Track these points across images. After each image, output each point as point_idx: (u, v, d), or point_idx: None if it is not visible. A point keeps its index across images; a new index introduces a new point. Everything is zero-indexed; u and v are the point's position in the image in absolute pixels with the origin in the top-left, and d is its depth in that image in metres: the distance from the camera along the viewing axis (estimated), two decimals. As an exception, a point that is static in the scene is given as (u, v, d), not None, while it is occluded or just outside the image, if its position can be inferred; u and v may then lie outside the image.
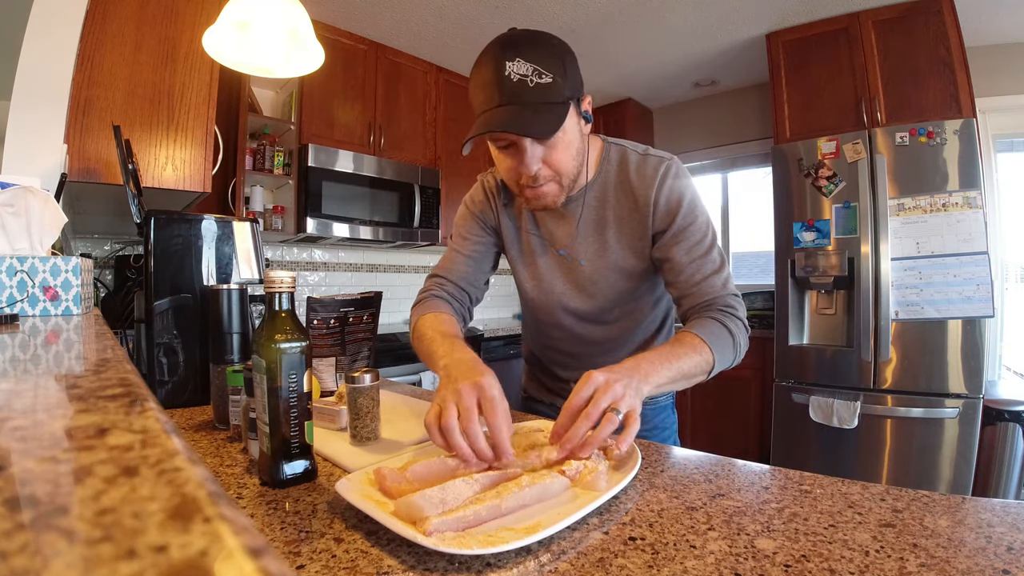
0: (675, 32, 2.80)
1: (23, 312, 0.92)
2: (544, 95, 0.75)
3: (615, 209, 0.93)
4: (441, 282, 1.03)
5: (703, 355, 0.79)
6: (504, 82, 0.75)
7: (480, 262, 1.04)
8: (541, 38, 0.78)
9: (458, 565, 0.45)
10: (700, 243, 0.89)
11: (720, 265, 0.89)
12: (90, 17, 1.48)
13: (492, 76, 0.76)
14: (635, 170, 0.92)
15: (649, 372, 0.72)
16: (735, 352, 0.85)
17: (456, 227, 1.07)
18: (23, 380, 0.42)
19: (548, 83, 0.75)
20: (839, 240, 2.40)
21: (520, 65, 0.75)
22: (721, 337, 0.83)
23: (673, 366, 0.75)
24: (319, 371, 1.05)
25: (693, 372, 0.79)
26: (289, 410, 0.61)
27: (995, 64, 2.71)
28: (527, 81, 0.74)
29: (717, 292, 0.88)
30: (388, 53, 2.93)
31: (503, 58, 0.75)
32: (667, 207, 0.89)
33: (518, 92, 0.75)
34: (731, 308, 0.87)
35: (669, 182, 0.89)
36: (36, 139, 1.35)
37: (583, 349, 1.04)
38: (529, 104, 0.75)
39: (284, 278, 0.62)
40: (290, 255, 2.89)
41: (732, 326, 0.85)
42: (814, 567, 0.44)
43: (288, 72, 1.11)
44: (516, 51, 0.75)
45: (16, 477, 0.19)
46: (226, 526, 0.15)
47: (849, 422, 2.30)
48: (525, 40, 0.77)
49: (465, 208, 1.06)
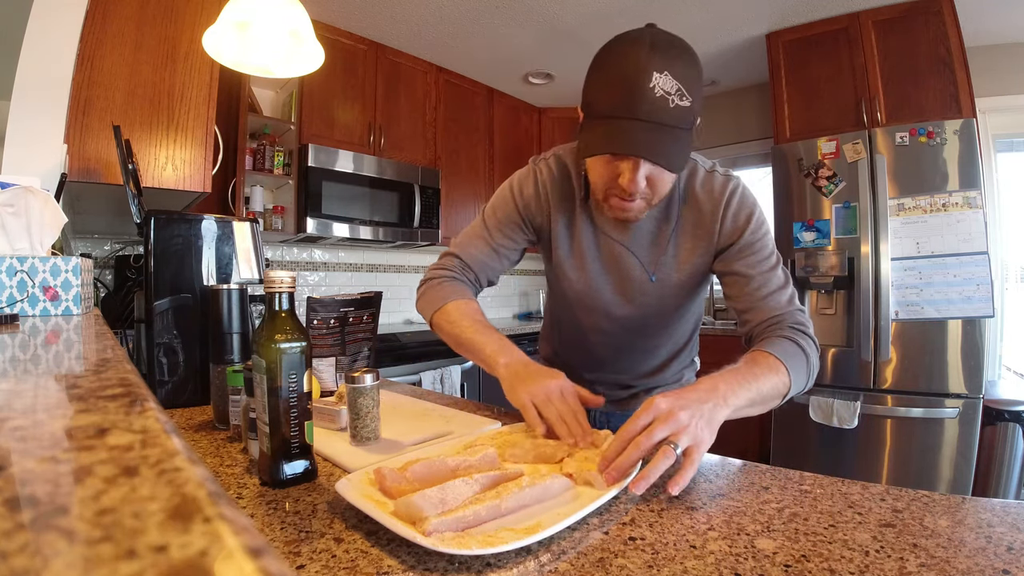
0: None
1: (23, 312, 0.92)
2: (681, 119, 0.71)
3: (679, 223, 0.91)
4: (463, 265, 0.99)
5: (781, 377, 0.73)
6: (647, 95, 0.69)
7: (504, 258, 1.00)
8: (688, 52, 0.73)
9: (458, 565, 0.45)
10: (767, 259, 0.86)
11: (786, 282, 0.86)
12: (90, 17, 1.48)
13: (635, 82, 0.69)
14: (701, 185, 0.89)
15: (728, 394, 0.66)
16: (808, 374, 0.79)
17: (494, 208, 0.99)
18: (23, 380, 0.42)
19: (687, 107, 0.70)
20: (839, 240, 2.40)
21: (667, 81, 0.69)
22: (796, 357, 0.77)
23: (752, 388, 0.70)
24: (319, 371, 1.05)
25: (771, 395, 0.73)
26: (289, 410, 0.61)
27: (995, 64, 2.71)
28: (669, 100, 0.69)
29: (784, 308, 0.84)
30: (388, 53, 2.93)
31: (651, 67, 0.69)
32: (734, 223, 0.87)
33: (658, 110, 0.69)
34: (802, 325, 0.82)
35: (737, 198, 0.87)
36: (36, 139, 1.35)
37: (615, 355, 1.03)
38: (666, 127, 0.70)
39: (284, 278, 0.62)
40: (290, 255, 2.89)
41: (805, 345, 0.79)
42: (814, 567, 0.44)
43: (288, 72, 1.11)
44: (667, 63, 0.69)
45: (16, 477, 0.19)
46: (226, 526, 0.15)
47: (849, 422, 2.30)
48: (677, 51, 0.71)
49: (510, 194, 0.98)
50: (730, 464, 0.70)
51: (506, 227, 0.98)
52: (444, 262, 1.01)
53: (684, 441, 0.60)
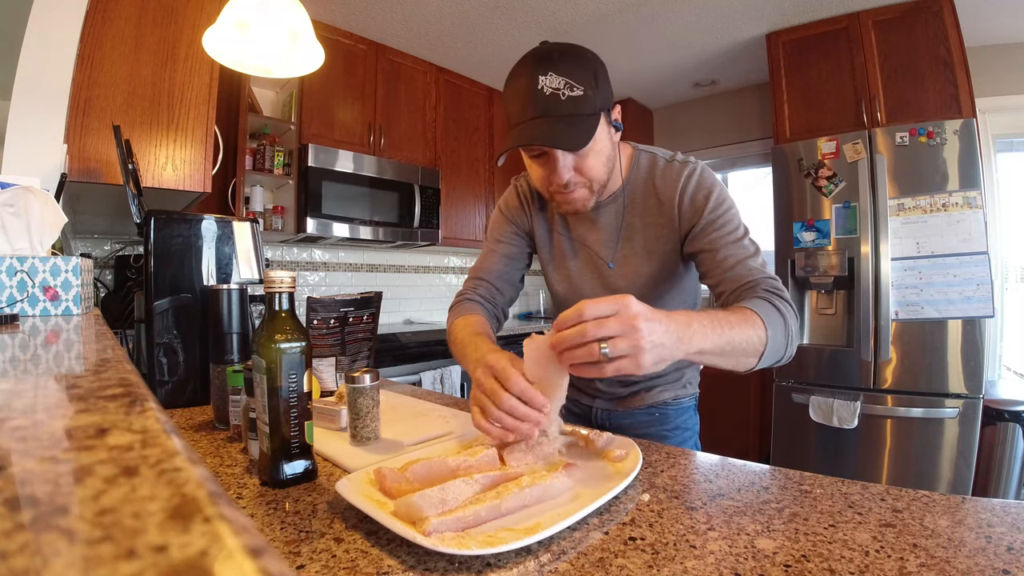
0: (675, 32, 2.80)
1: (23, 312, 0.92)
2: (576, 107, 0.78)
3: (642, 215, 0.95)
4: (476, 284, 1.06)
5: (756, 331, 0.70)
6: (537, 96, 0.77)
7: (515, 261, 1.08)
8: (573, 51, 0.81)
9: (458, 565, 0.45)
10: (732, 232, 0.86)
11: (755, 252, 0.85)
12: (90, 17, 1.48)
13: (526, 90, 0.78)
14: (660, 175, 0.93)
15: (697, 334, 0.63)
16: (787, 337, 0.75)
17: (491, 230, 1.11)
18: (23, 380, 0.42)
19: (579, 96, 0.78)
20: (839, 240, 2.40)
21: (553, 79, 0.77)
22: (773, 316, 0.73)
23: (725, 335, 0.66)
24: (319, 371, 1.05)
25: (744, 348, 0.69)
26: (289, 410, 0.61)
27: (995, 64, 2.71)
28: (559, 95, 0.77)
29: (758, 274, 0.82)
30: (388, 53, 2.93)
31: (536, 72, 0.78)
32: (692, 205, 0.89)
33: (551, 105, 0.77)
34: (778, 289, 0.79)
35: (694, 181, 0.90)
36: (36, 139, 1.35)
37: None
38: (562, 117, 0.78)
39: (284, 278, 0.62)
40: (290, 255, 2.89)
41: (782, 307, 0.76)
42: (814, 567, 0.44)
43: (288, 72, 1.11)
44: (549, 65, 0.78)
45: (16, 477, 0.19)
46: (226, 526, 0.15)
47: (849, 422, 2.30)
48: (558, 54, 0.79)
49: (499, 212, 1.10)
50: (730, 464, 0.70)
51: (504, 236, 1.08)
52: (464, 286, 1.09)
53: (622, 348, 0.55)
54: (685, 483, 0.63)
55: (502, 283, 1.07)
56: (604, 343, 0.55)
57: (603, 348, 0.55)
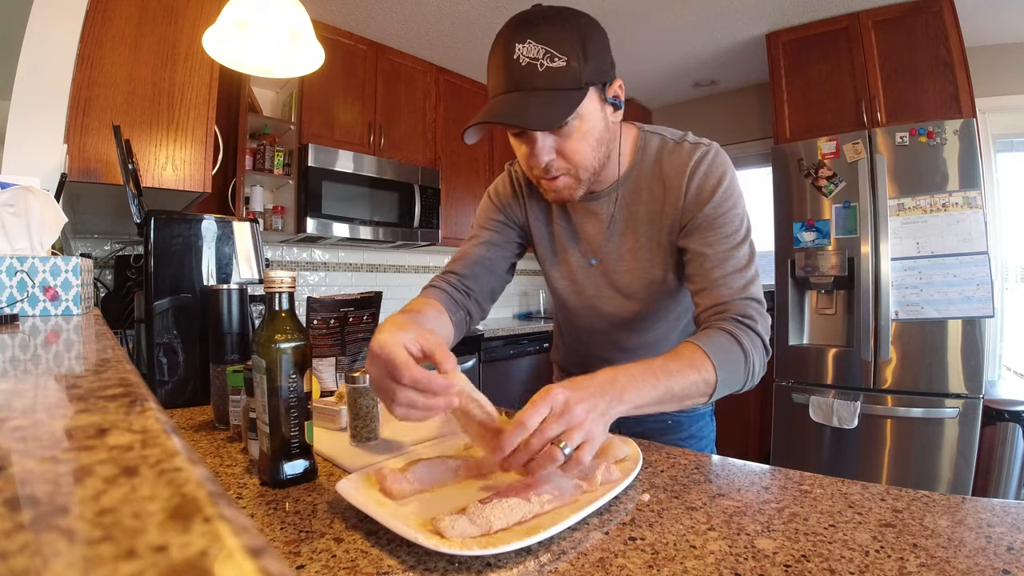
0: (675, 32, 2.80)
1: (23, 312, 0.92)
2: (554, 80, 0.68)
3: (648, 204, 0.85)
4: (446, 274, 0.95)
5: (703, 374, 0.67)
6: (512, 66, 0.69)
7: (497, 248, 0.95)
8: (560, 15, 0.70)
9: (458, 565, 0.45)
10: (729, 237, 0.78)
11: (746, 264, 0.78)
12: (90, 17, 1.48)
13: (501, 59, 0.70)
14: (668, 157, 0.83)
15: (626, 389, 0.61)
16: (747, 374, 0.72)
17: (476, 217, 1.00)
18: (23, 380, 0.42)
19: (560, 67, 0.68)
20: (839, 240, 2.40)
21: (531, 47, 0.68)
22: (730, 354, 0.70)
23: (660, 385, 0.64)
24: (319, 371, 1.05)
25: (686, 393, 0.67)
26: (289, 410, 0.61)
27: (995, 64, 2.71)
28: (536, 65, 0.68)
29: (735, 295, 0.76)
30: (388, 53, 2.93)
31: (513, 39, 0.69)
32: (698, 193, 0.80)
33: (526, 78, 0.68)
34: (748, 319, 0.74)
35: (704, 165, 0.80)
36: (36, 139, 1.35)
37: (619, 356, 0.97)
38: (537, 91, 0.68)
39: (284, 278, 0.62)
40: (290, 255, 2.89)
41: (746, 342, 0.71)
42: (814, 567, 0.44)
43: (288, 72, 1.11)
44: (529, 31, 0.68)
45: (16, 477, 0.19)
46: (226, 526, 0.15)
47: (849, 422, 2.30)
48: (542, 18, 0.69)
49: (487, 198, 0.99)
50: (730, 464, 0.70)
51: (488, 223, 0.97)
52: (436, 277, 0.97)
53: (576, 438, 0.56)
54: (685, 483, 0.63)
55: (478, 269, 0.93)
56: (561, 443, 0.55)
57: (564, 448, 0.55)
